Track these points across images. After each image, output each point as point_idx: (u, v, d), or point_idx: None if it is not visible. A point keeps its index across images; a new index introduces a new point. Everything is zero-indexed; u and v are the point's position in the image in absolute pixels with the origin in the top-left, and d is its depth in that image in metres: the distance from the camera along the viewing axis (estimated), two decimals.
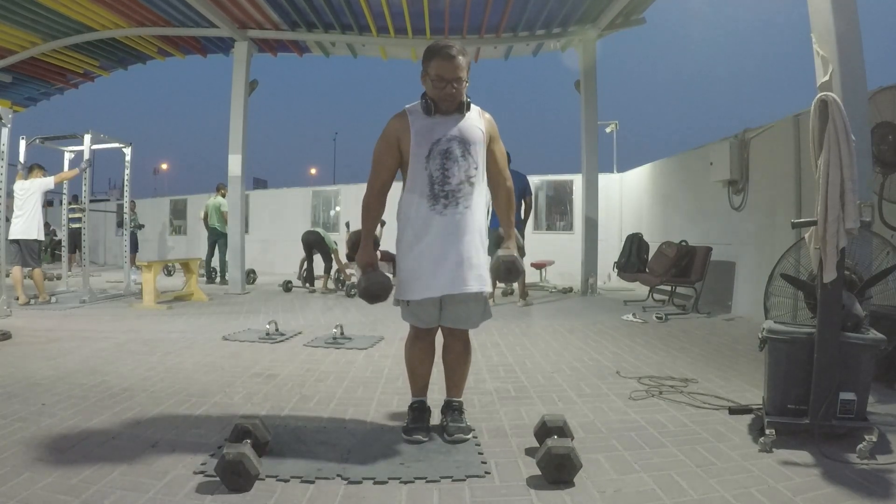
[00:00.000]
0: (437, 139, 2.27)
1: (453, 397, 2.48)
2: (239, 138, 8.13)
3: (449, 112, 2.28)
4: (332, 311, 6.34)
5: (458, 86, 2.22)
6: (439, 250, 2.26)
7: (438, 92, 2.23)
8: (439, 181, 2.26)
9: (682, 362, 3.81)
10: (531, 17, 7.83)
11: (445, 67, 2.20)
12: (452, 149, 2.26)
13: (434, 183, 2.26)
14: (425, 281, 2.28)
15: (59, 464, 2.07)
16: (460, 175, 2.26)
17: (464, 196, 2.27)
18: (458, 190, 2.26)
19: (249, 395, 3.02)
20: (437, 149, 2.26)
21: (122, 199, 9.95)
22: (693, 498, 1.85)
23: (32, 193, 6.70)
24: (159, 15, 7.70)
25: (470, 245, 2.29)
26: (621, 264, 7.73)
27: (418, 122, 2.29)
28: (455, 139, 2.27)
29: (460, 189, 2.26)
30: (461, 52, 2.23)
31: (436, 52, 2.23)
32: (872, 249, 2.98)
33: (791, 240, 3.90)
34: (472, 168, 2.29)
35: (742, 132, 6.17)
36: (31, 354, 3.92)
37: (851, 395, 2.29)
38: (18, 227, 6.59)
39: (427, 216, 2.28)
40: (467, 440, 2.33)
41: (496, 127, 2.43)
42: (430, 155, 2.26)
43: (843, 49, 3.46)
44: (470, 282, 2.28)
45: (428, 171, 2.27)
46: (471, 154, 2.28)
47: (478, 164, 2.31)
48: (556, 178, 11.06)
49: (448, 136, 2.27)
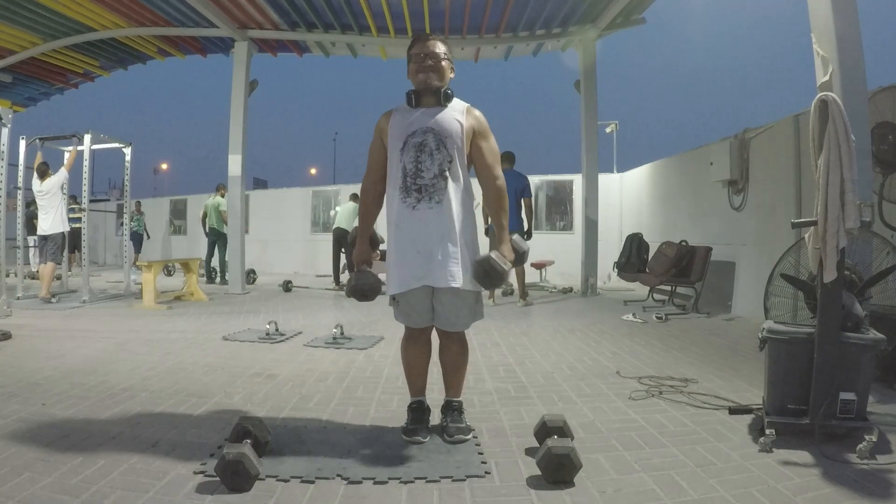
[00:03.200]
0: (412, 131, 2.27)
1: (452, 397, 2.48)
2: (239, 138, 8.13)
3: (430, 104, 2.30)
4: (331, 311, 6.34)
5: (433, 61, 2.27)
6: (411, 245, 2.25)
7: (417, 68, 2.28)
8: (412, 174, 2.25)
9: (682, 362, 3.81)
10: (531, 17, 7.83)
11: (422, 45, 2.31)
12: (427, 141, 2.25)
13: (407, 175, 2.25)
14: (400, 273, 2.28)
15: (59, 464, 2.07)
16: (433, 168, 2.23)
17: (437, 190, 2.23)
18: (431, 185, 2.23)
19: (249, 395, 3.02)
20: (412, 141, 2.26)
21: (122, 199, 9.97)
22: (693, 498, 1.85)
23: (53, 193, 7.07)
24: (159, 15, 7.70)
25: (443, 240, 2.23)
26: (621, 264, 7.73)
27: (399, 117, 2.33)
28: (430, 131, 2.26)
29: (434, 184, 2.23)
30: (439, 38, 2.33)
31: (415, 38, 2.35)
32: (872, 249, 2.98)
33: (791, 240, 3.89)
34: (447, 161, 2.25)
35: (742, 132, 6.17)
36: (31, 354, 3.92)
37: (851, 395, 2.28)
38: (47, 223, 7.03)
39: (400, 209, 2.27)
40: (467, 440, 2.33)
41: (485, 123, 2.37)
42: (405, 147, 2.27)
43: (843, 49, 3.46)
44: (443, 277, 2.21)
45: (402, 163, 2.26)
46: (446, 147, 2.25)
47: (453, 157, 2.26)
48: (556, 178, 11.06)
49: (424, 128, 2.26)
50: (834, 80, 3.41)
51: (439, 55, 2.29)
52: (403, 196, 2.26)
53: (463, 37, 8.33)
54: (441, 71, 2.29)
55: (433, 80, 2.28)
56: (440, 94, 2.30)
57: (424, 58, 2.28)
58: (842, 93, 3.33)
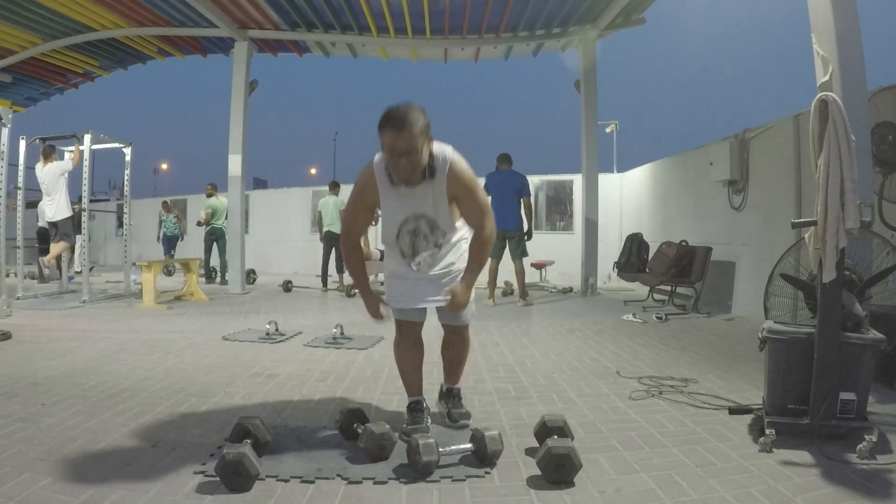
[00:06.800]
0: (404, 218, 2.28)
1: (453, 385, 2.64)
2: (239, 138, 8.13)
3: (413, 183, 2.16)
4: (331, 311, 6.34)
5: (409, 157, 2.07)
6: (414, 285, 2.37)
7: (392, 165, 2.12)
8: (409, 254, 2.35)
9: (682, 362, 3.81)
10: (531, 17, 7.83)
11: (391, 138, 2.06)
12: (420, 227, 2.29)
13: (405, 255, 2.36)
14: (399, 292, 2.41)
15: (59, 464, 2.07)
16: (429, 247, 2.33)
17: (436, 258, 2.36)
18: (429, 255, 2.35)
19: (249, 395, 3.02)
20: (406, 228, 2.30)
21: (121, 199, 9.96)
22: (693, 498, 1.85)
23: (56, 178, 7.24)
24: (159, 15, 7.70)
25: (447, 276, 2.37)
26: (621, 264, 7.73)
27: (385, 189, 2.23)
28: (422, 217, 2.27)
29: (433, 254, 2.35)
30: (413, 121, 2.05)
31: (385, 121, 2.07)
32: (872, 249, 2.97)
33: (791, 240, 3.89)
34: (441, 238, 2.33)
35: (742, 132, 6.17)
36: (31, 354, 3.92)
37: (851, 395, 2.28)
38: (52, 210, 7.27)
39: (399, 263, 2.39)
40: (468, 425, 2.50)
41: (467, 178, 2.23)
42: (399, 234, 2.32)
43: (843, 49, 3.46)
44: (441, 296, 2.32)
45: (399, 247, 2.35)
46: (439, 227, 2.30)
47: (446, 231, 2.33)
48: (556, 178, 11.06)
49: (415, 214, 2.26)
50: (834, 80, 3.41)
51: (411, 148, 2.06)
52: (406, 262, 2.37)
53: (463, 37, 8.33)
54: (416, 162, 2.10)
55: (412, 176, 2.13)
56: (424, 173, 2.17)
57: (397, 156, 2.08)
58: (842, 93, 3.33)
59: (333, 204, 8.56)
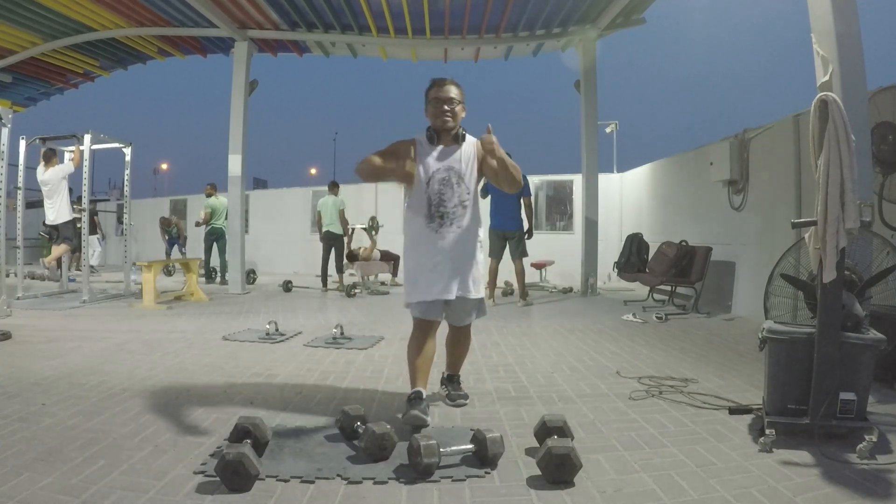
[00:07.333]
0: (437, 168, 2.66)
1: (454, 372, 2.97)
2: (239, 138, 8.13)
3: (447, 143, 2.68)
4: (331, 311, 6.34)
5: (450, 106, 2.63)
6: (434, 263, 2.63)
7: (435, 111, 2.62)
8: (436, 203, 2.64)
9: (682, 362, 3.81)
10: (531, 17, 7.83)
11: (438, 90, 2.65)
12: (449, 177, 2.66)
13: (431, 204, 2.65)
14: (423, 286, 2.64)
15: (59, 464, 2.07)
16: (454, 199, 2.65)
17: (457, 217, 2.65)
18: (452, 212, 2.64)
19: (249, 395, 3.02)
20: (437, 177, 2.65)
21: (121, 199, 9.95)
22: (693, 498, 1.85)
23: (57, 182, 7.24)
24: (159, 15, 7.70)
25: (462, 258, 2.65)
26: (621, 264, 7.73)
27: (423, 151, 2.69)
28: (452, 169, 2.66)
29: (454, 212, 2.64)
30: (453, 82, 2.68)
31: (434, 81, 2.69)
32: (872, 249, 2.98)
33: (791, 240, 3.89)
34: (465, 193, 2.67)
35: (742, 132, 6.17)
36: (31, 354, 3.92)
37: (851, 395, 2.29)
38: (53, 213, 7.27)
39: (423, 232, 2.66)
40: (466, 404, 2.83)
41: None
42: (430, 182, 2.65)
43: (843, 49, 3.46)
44: (464, 289, 2.65)
45: (427, 194, 2.65)
46: (465, 182, 2.67)
47: (471, 189, 2.69)
48: (556, 178, 11.05)
49: (445, 166, 2.67)
50: (834, 80, 3.41)
51: (454, 100, 2.64)
52: (427, 221, 2.64)
53: (463, 37, 8.33)
54: (456, 115, 2.65)
55: (449, 124, 2.64)
56: (456, 135, 2.67)
57: (441, 103, 2.62)
58: (842, 93, 3.33)
59: (333, 204, 8.56)
